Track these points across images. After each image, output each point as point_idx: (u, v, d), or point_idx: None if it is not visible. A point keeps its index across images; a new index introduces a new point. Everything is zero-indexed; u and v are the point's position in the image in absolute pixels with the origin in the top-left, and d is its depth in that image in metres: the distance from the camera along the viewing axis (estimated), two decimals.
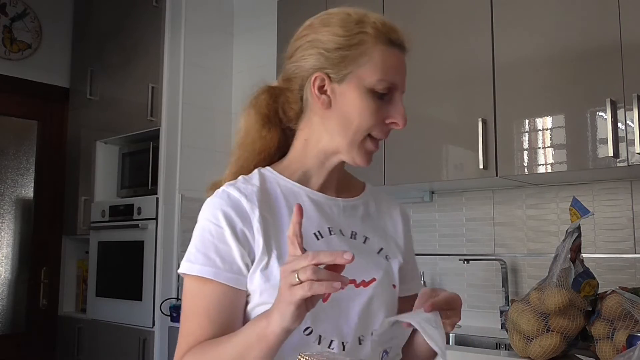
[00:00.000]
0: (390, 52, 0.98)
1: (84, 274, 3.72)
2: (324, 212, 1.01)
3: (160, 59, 3.23)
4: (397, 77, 0.98)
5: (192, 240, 0.96)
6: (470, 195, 2.63)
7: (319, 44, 0.98)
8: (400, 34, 1.01)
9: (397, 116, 0.97)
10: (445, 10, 2.39)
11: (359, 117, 0.96)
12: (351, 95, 0.96)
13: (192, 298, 0.93)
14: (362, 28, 0.98)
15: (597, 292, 1.83)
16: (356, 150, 0.99)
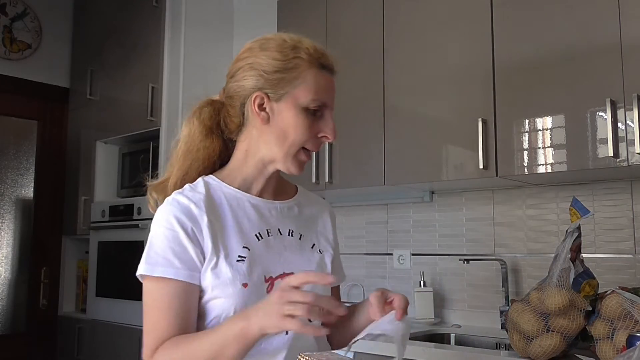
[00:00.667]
0: (322, 75, 1.11)
1: (84, 274, 3.72)
2: (263, 215, 1.14)
3: (160, 59, 3.23)
4: (327, 97, 1.11)
5: (148, 245, 1.08)
6: (470, 195, 2.63)
7: (259, 67, 1.10)
8: (330, 58, 1.13)
9: (327, 130, 1.11)
10: (445, 10, 2.39)
11: (294, 131, 1.09)
12: (287, 112, 1.09)
13: (154, 296, 1.06)
14: (297, 53, 1.10)
15: (597, 292, 1.83)
16: (290, 160, 1.11)
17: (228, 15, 3.51)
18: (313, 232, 1.22)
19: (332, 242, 1.25)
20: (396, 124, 2.49)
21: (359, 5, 2.69)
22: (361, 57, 2.64)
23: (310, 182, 2.71)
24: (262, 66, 1.09)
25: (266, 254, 1.10)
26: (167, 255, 1.05)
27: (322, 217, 1.27)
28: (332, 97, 1.13)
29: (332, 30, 2.78)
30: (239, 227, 1.10)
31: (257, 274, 1.07)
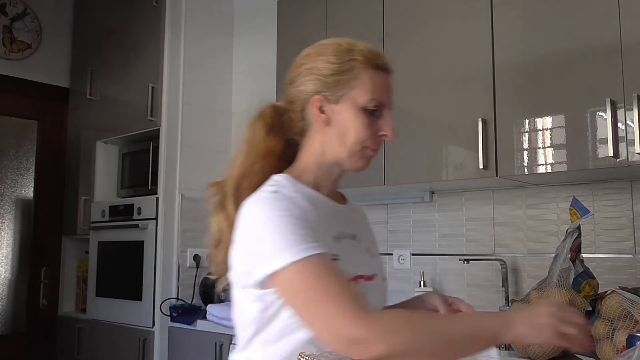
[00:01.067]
0: (378, 75, 1.13)
1: (84, 274, 3.71)
2: (336, 217, 1.15)
3: (160, 59, 3.23)
4: (384, 96, 1.14)
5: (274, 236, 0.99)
6: (470, 195, 2.63)
7: (316, 71, 1.13)
8: (385, 59, 1.16)
9: (386, 129, 1.14)
10: (446, 10, 2.39)
11: (354, 131, 1.11)
12: (346, 113, 1.12)
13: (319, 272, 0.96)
14: (352, 55, 1.13)
15: (597, 292, 1.83)
16: (356, 158, 1.13)
17: (228, 15, 3.51)
18: (365, 236, 1.24)
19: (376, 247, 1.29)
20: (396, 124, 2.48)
21: (359, 5, 2.69)
22: None
23: None
24: (320, 70, 1.13)
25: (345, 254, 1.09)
26: (303, 234, 0.99)
27: (366, 222, 1.31)
28: (390, 97, 1.15)
29: (332, 30, 2.78)
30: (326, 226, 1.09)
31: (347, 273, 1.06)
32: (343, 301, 0.94)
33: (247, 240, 1.04)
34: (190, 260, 3.13)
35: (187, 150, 3.21)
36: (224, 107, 3.41)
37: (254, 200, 1.06)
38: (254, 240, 1.02)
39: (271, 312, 1.04)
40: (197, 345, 2.80)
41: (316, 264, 0.97)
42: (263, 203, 1.04)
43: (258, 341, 1.06)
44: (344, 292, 0.95)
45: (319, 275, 0.96)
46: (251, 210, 1.05)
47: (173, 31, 3.26)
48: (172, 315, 2.91)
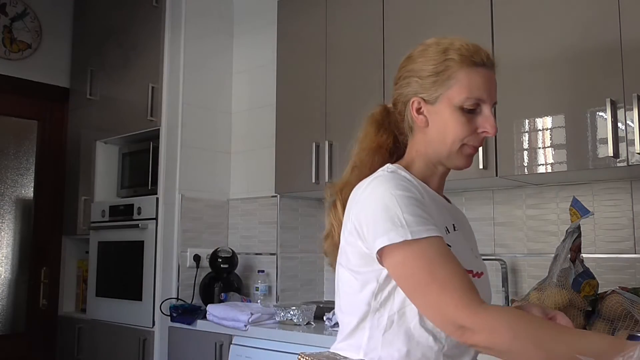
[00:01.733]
0: (475, 72, 1.13)
1: (84, 274, 3.71)
2: (448, 211, 1.19)
3: (160, 59, 3.23)
4: (483, 93, 1.13)
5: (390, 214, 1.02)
6: (470, 195, 2.63)
7: (414, 73, 1.17)
8: (483, 53, 1.16)
9: (486, 126, 1.13)
10: (446, 10, 2.39)
11: (452, 131, 1.13)
12: (443, 113, 1.13)
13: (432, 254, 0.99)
14: (447, 55, 1.14)
15: (597, 292, 1.83)
16: (455, 156, 1.16)
17: (228, 15, 3.51)
18: (469, 236, 1.28)
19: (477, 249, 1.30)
20: None
21: (359, 5, 2.69)
22: (361, 58, 2.64)
23: (310, 182, 2.72)
24: (417, 72, 1.16)
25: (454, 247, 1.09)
26: (422, 215, 1.02)
27: (467, 223, 1.34)
28: (490, 92, 1.14)
29: (332, 30, 2.78)
30: (437, 216, 1.10)
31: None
32: (457, 287, 0.96)
33: (364, 217, 1.06)
34: (190, 260, 3.13)
35: (187, 150, 3.21)
36: (224, 107, 3.41)
37: (371, 181, 1.10)
38: (372, 216, 1.05)
39: (382, 298, 1.07)
40: (197, 345, 2.80)
41: (433, 246, 1.00)
42: (382, 181, 1.08)
43: (366, 327, 1.09)
44: (459, 278, 0.98)
45: (435, 258, 0.99)
46: (370, 188, 1.09)
47: (173, 31, 3.26)
48: (172, 315, 2.91)
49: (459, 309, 0.95)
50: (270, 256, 3.12)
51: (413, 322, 1.05)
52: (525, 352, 0.93)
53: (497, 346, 0.93)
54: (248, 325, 2.55)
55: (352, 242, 1.10)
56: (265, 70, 3.19)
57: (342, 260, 1.15)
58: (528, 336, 0.92)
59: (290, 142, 2.88)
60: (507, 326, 0.93)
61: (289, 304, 2.83)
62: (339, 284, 1.16)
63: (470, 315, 0.94)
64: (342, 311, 1.15)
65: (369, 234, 1.04)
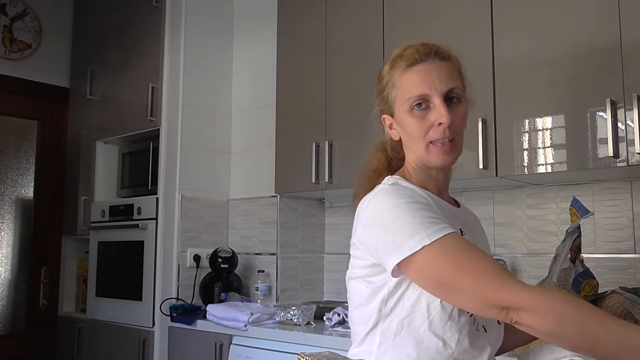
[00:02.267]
0: (410, 72, 1.15)
1: (84, 274, 3.71)
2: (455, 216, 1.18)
3: (160, 59, 3.23)
4: (424, 88, 1.14)
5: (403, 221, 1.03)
6: (470, 195, 2.63)
7: (377, 94, 1.23)
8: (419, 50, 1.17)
9: (438, 117, 1.12)
10: (446, 10, 2.39)
11: (412, 133, 1.15)
12: (402, 120, 1.17)
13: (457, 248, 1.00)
14: (391, 67, 1.19)
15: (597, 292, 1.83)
16: (427, 156, 1.15)
17: (228, 15, 3.51)
18: (481, 240, 1.25)
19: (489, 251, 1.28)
20: None
21: (359, 5, 2.69)
22: (361, 57, 2.64)
23: (310, 182, 2.72)
24: (378, 92, 1.22)
25: None
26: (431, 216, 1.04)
27: (480, 226, 1.32)
28: (432, 83, 1.13)
29: (332, 30, 2.78)
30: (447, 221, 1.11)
31: None
32: (489, 270, 0.97)
33: (373, 232, 1.07)
34: (190, 260, 3.13)
35: (187, 150, 3.21)
36: (224, 107, 3.41)
37: (373, 195, 1.12)
38: (381, 230, 1.05)
39: (392, 303, 1.08)
40: (197, 345, 2.80)
41: (452, 241, 1.01)
42: (384, 193, 1.10)
43: (377, 332, 1.10)
44: (488, 262, 0.99)
45: (459, 251, 1.00)
46: (373, 202, 1.10)
47: (173, 31, 3.26)
48: (172, 315, 2.91)
49: (499, 290, 0.95)
50: (270, 256, 3.12)
51: (422, 327, 1.06)
52: (568, 336, 0.92)
53: (540, 326, 0.93)
54: (248, 325, 2.55)
55: (360, 256, 1.13)
56: (265, 70, 3.19)
57: (351, 273, 1.17)
58: (573, 320, 0.91)
59: (290, 142, 2.88)
60: (551, 307, 0.92)
61: (289, 304, 2.83)
62: (350, 296, 1.18)
63: (512, 294, 0.94)
64: (354, 322, 1.17)
65: (381, 249, 1.05)
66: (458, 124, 1.15)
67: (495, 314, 0.97)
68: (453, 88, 1.15)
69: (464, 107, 1.19)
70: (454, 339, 1.05)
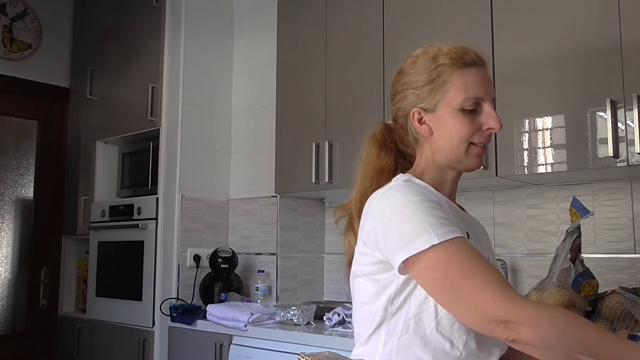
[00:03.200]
0: (468, 72, 1.16)
1: (84, 274, 3.71)
2: (462, 218, 1.17)
3: (160, 59, 3.23)
4: (479, 91, 1.14)
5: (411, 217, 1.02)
6: (470, 195, 2.63)
7: (409, 85, 1.18)
8: (472, 53, 1.19)
9: (490, 122, 1.14)
10: (445, 10, 2.39)
11: (457, 133, 1.14)
12: (445, 118, 1.14)
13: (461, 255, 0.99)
14: (438, 62, 1.16)
15: (597, 292, 1.83)
16: (465, 158, 1.15)
17: (228, 15, 3.51)
18: (486, 246, 1.24)
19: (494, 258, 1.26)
20: None
21: (359, 5, 2.69)
22: (361, 57, 2.64)
23: (310, 182, 2.72)
24: (411, 84, 1.18)
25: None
26: (443, 217, 1.03)
27: (484, 232, 1.30)
28: (487, 88, 1.16)
29: (332, 30, 2.78)
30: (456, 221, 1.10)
31: None
32: (491, 282, 0.95)
33: (383, 227, 1.05)
34: (190, 260, 3.13)
35: (187, 150, 3.21)
36: (224, 107, 3.41)
37: (385, 190, 1.10)
38: (391, 225, 1.04)
39: (399, 302, 1.07)
40: (197, 345, 2.80)
41: (460, 246, 1.00)
42: (397, 189, 1.08)
43: (382, 332, 1.09)
44: (491, 274, 0.97)
45: (465, 257, 0.98)
46: (385, 197, 1.08)
47: (173, 31, 3.26)
48: (172, 315, 2.91)
49: (498, 303, 0.93)
50: (270, 256, 3.12)
51: (430, 327, 1.04)
52: (568, 352, 0.90)
53: (541, 342, 0.90)
54: (248, 325, 2.55)
55: (367, 253, 1.10)
56: (265, 70, 3.19)
57: (356, 270, 1.15)
58: (573, 335, 0.90)
59: (290, 142, 2.88)
60: (552, 322, 0.90)
61: (289, 304, 2.83)
62: (355, 295, 1.16)
63: (512, 308, 0.92)
64: (358, 321, 1.14)
65: (389, 245, 1.03)
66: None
67: (492, 328, 0.94)
68: (495, 98, 1.19)
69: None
70: (462, 341, 1.04)
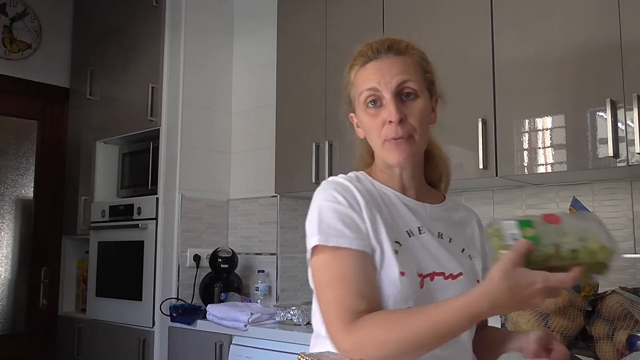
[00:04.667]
0: (364, 69, 1.16)
1: (84, 274, 3.72)
2: (415, 213, 1.15)
3: (160, 59, 3.23)
4: (373, 82, 1.12)
5: (317, 220, 1.07)
6: (470, 195, 2.63)
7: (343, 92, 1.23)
8: (370, 47, 1.17)
9: (388, 115, 1.10)
10: (446, 10, 2.39)
11: (369, 131, 1.16)
12: (360, 119, 1.18)
13: (332, 268, 1.04)
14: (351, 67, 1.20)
15: (597, 292, 1.83)
16: (384, 155, 1.14)
17: (228, 14, 3.51)
18: (462, 237, 1.20)
19: (480, 250, 1.22)
20: None
21: (359, 4, 2.69)
22: None
23: (310, 182, 2.71)
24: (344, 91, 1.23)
25: (417, 250, 1.10)
26: (337, 226, 1.05)
27: (470, 224, 1.26)
28: (380, 79, 1.12)
29: (332, 30, 2.78)
30: (392, 222, 1.11)
31: (410, 269, 1.06)
32: (339, 305, 1.00)
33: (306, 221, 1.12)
34: (190, 260, 3.13)
35: (187, 150, 3.21)
36: (224, 107, 3.41)
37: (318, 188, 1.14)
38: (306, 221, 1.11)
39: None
40: (197, 345, 2.80)
41: (336, 258, 1.03)
42: (320, 190, 1.12)
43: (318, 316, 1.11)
44: (343, 299, 1.00)
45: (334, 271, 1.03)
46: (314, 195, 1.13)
47: (173, 31, 3.26)
48: (172, 315, 2.91)
49: (334, 328, 1.00)
50: (270, 256, 3.12)
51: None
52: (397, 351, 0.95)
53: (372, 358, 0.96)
54: (248, 325, 2.55)
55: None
56: (265, 70, 3.19)
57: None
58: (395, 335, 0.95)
59: (290, 142, 2.88)
60: (373, 338, 0.96)
61: (289, 304, 2.83)
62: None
63: (342, 336, 0.99)
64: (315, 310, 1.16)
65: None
66: (413, 120, 1.12)
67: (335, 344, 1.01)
68: (404, 82, 1.12)
69: (421, 102, 1.15)
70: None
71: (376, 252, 1.05)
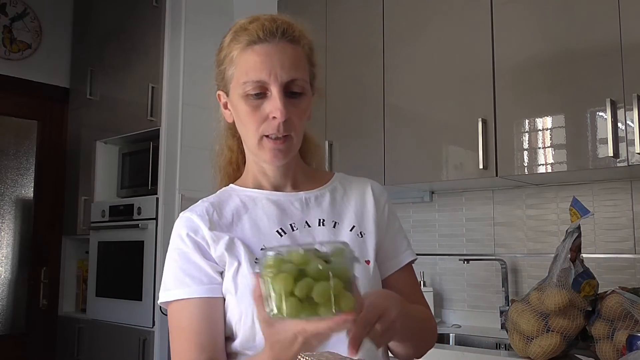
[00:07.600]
0: (251, 51, 0.99)
1: (84, 274, 3.71)
2: (285, 209, 1.06)
3: (160, 59, 3.23)
4: (261, 73, 0.98)
5: (163, 272, 1.06)
6: (470, 195, 2.64)
7: (216, 63, 1.06)
8: (267, 26, 1.01)
9: (273, 110, 0.98)
10: (445, 10, 2.39)
11: (245, 122, 1.00)
12: (236, 104, 1.01)
13: (174, 320, 1.03)
14: (235, 40, 1.01)
15: (597, 292, 1.83)
16: (259, 152, 1.02)
17: (228, 15, 3.51)
18: (350, 214, 1.08)
19: (374, 219, 1.09)
20: (396, 124, 2.49)
21: (359, 4, 2.69)
22: (361, 57, 2.64)
23: None
24: (216, 61, 1.06)
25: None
26: (177, 276, 1.02)
27: (361, 196, 1.12)
28: (270, 70, 0.98)
29: (332, 30, 2.78)
30: (257, 228, 1.03)
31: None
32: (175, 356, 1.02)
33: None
34: None
35: (187, 150, 3.20)
36: None
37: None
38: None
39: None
40: None
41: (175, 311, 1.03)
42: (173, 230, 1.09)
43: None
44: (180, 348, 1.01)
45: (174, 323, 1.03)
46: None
47: (173, 31, 3.26)
48: None
49: None
50: None
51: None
52: None
53: None
54: None
55: None
56: None
57: None
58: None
59: None
60: None
61: None
62: None
63: None
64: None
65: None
66: (296, 119, 1.01)
67: None
68: (295, 79, 1.00)
69: (306, 100, 1.05)
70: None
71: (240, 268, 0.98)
